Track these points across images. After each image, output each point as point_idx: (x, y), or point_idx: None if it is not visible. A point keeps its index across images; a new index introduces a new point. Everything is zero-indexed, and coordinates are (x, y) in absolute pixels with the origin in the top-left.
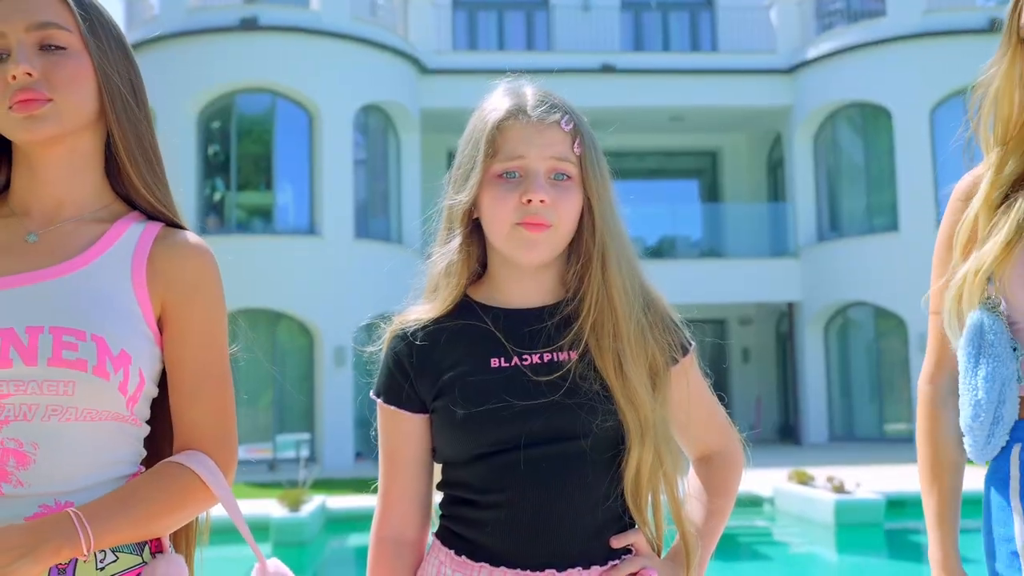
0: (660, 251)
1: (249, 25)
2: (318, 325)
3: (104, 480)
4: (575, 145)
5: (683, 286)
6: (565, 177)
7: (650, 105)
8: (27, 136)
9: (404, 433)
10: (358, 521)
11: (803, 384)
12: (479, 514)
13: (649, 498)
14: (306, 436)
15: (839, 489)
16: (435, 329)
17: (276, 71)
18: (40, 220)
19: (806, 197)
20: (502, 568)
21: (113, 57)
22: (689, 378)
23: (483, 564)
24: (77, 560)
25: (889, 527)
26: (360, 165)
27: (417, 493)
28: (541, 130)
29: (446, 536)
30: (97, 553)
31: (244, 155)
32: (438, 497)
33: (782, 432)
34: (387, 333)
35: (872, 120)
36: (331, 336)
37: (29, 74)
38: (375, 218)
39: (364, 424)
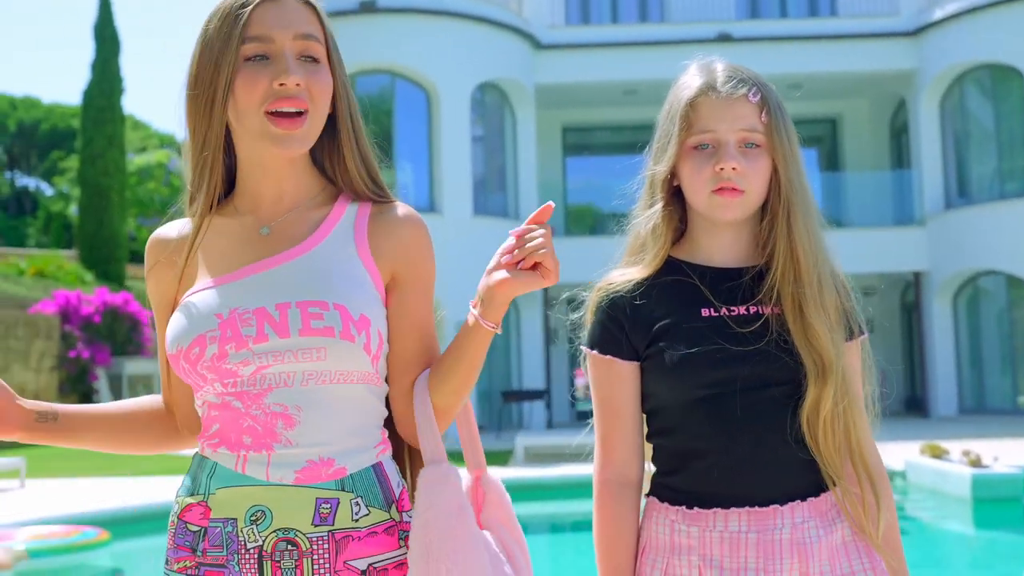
0: None
1: (368, 8)
2: (440, 300)
3: (358, 436)
4: (762, 115)
5: None
6: (754, 145)
7: (768, 73)
8: (280, 151)
9: (619, 379)
10: None
11: (931, 356)
12: (699, 462)
13: (834, 439)
14: None
15: (976, 463)
16: (646, 285)
17: (394, 52)
18: (268, 213)
19: (932, 163)
20: (732, 508)
21: (343, 67)
22: (853, 361)
23: (715, 509)
24: (339, 504)
25: None
26: (477, 142)
27: (634, 436)
28: (730, 104)
29: (669, 496)
30: (353, 505)
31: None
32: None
33: (908, 404)
34: (594, 294)
35: (1002, 82)
36: (452, 311)
37: (299, 84)
38: (493, 194)
39: (485, 397)
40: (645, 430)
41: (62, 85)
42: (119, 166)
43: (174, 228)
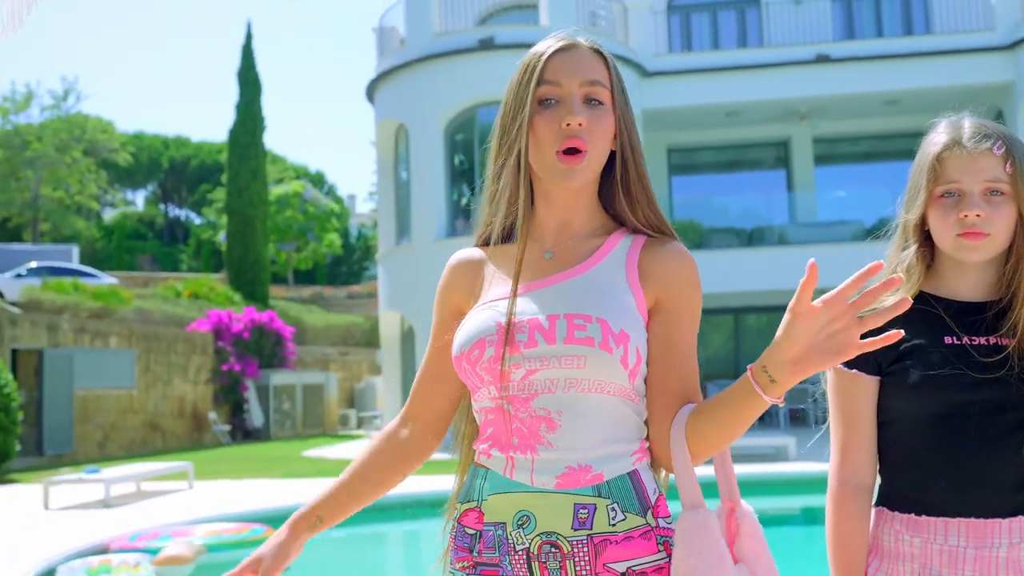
0: (878, 232)
1: (487, 45)
2: None
3: (614, 444)
4: (1007, 166)
5: None
6: (999, 193)
7: (865, 91)
8: (564, 183)
9: (862, 392)
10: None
11: None
12: (929, 473)
13: None
14: None
15: None
16: None
17: None
18: (552, 239)
19: None
20: (957, 519)
21: (627, 110)
22: None
23: (938, 519)
24: (596, 510)
25: None
26: None
27: (871, 443)
28: (975, 158)
29: (897, 505)
30: (610, 511)
31: (486, 162)
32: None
33: None
34: None
35: None
36: None
37: (581, 124)
38: None
39: None
40: None
41: (209, 124)
42: (262, 197)
43: (470, 252)
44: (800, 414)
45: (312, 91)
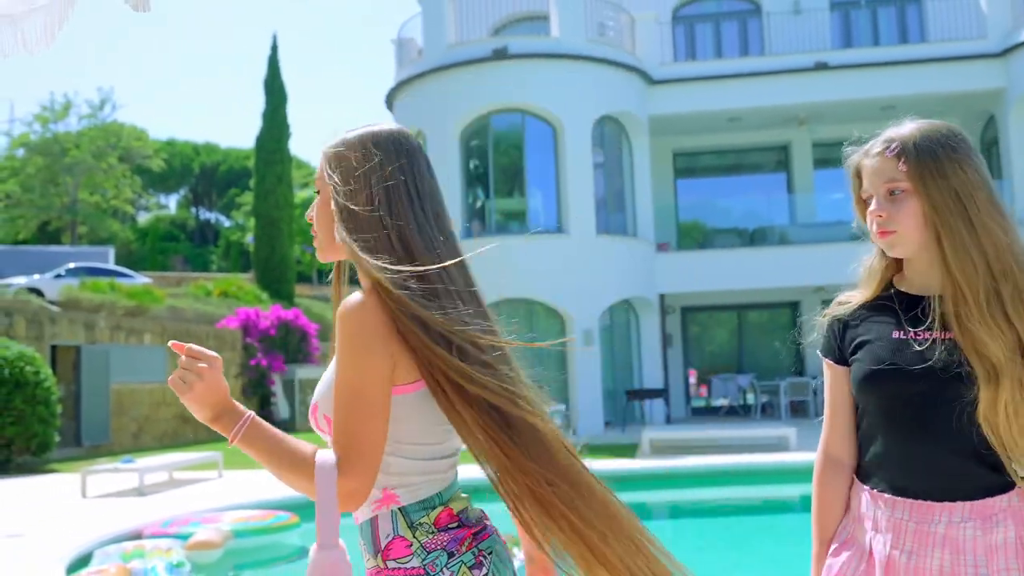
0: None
1: (500, 55)
2: (568, 311)
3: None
4: (900, 164)
5: None
6: (899, 192)
7: (863, 97)
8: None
9: (834, 379)
10: (616, 482)
11: None
12: (878, 455)
13: (1017, 423)
14: (562, 407)
15: None
16: (860, 307)
17: (524, 92)
18: None
19: (1023, 174)
20: (900, 498)
21: (335, 179)
22: None
23: (887, 496)
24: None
25: None
26: (599, 169)
27: (844, 425)
28: (875, 163)
29: (860, 476)
30: (363, 551)
31: (499, 167)
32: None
33: None
34: (828, 309)
35: None
36: (580, 320)
37: (309, 220)
38: (613, 215)
39: (611, 396)
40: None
41: (236, 132)
42: (287, 200)
43: None
44: (801, 407)
45: (335, 99)
